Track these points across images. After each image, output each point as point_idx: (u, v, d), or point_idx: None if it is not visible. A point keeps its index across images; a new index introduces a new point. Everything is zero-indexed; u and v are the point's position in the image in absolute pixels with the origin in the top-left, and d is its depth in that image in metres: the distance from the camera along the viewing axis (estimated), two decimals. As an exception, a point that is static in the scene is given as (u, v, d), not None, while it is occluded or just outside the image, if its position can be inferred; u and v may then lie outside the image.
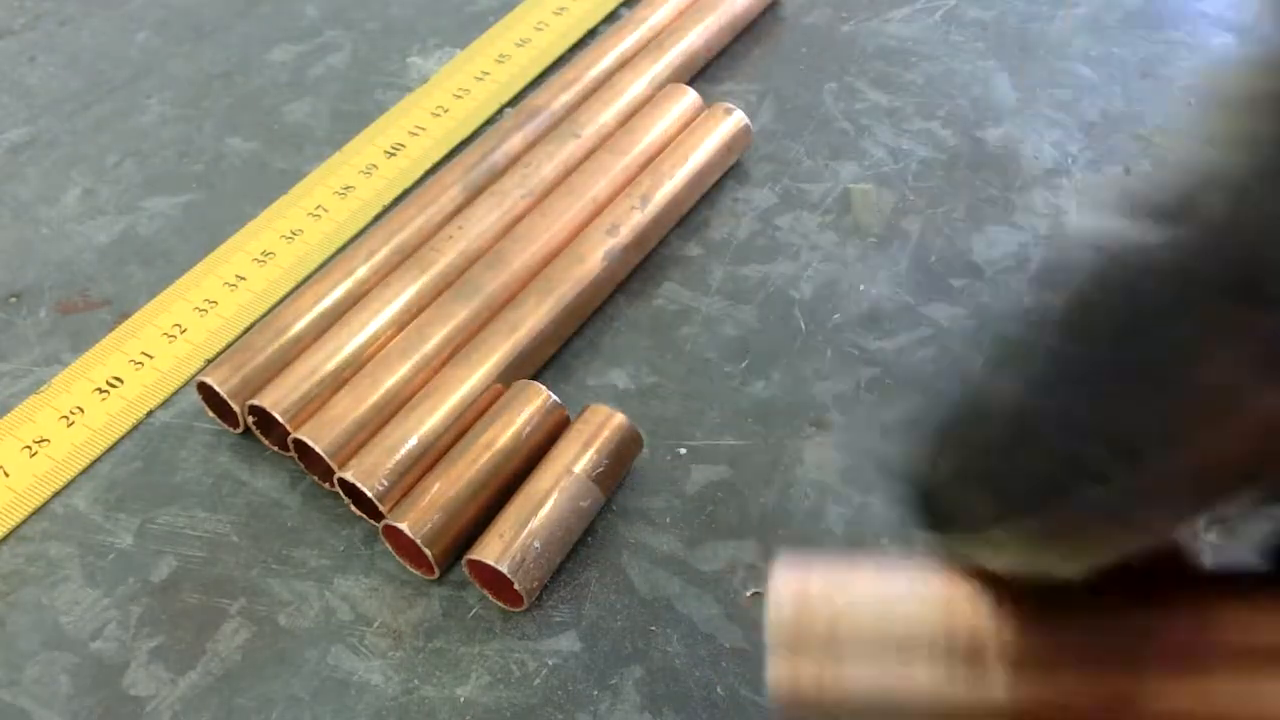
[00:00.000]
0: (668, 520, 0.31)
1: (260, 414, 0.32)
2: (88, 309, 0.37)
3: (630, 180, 0.38)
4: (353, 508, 0.31)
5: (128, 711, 0.28)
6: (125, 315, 0.37)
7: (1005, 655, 0.15)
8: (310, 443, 0.30)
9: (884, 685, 0.15)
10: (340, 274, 0.35)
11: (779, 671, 0.15)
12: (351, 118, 0.44)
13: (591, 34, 0.47)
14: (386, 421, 0.31)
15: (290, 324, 0.34)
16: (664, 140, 0.39)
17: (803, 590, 0.16)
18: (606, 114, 0.40)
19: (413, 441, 0.30)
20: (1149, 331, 0.12)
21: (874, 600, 0.15)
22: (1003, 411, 0.14)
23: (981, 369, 0.14)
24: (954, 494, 0.15)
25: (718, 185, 0.40)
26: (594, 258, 0.35)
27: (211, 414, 0.34)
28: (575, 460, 0.30)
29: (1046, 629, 0.15)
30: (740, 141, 0.40)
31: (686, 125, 0.40)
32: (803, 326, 0.36)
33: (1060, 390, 0.13)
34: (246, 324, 0.36)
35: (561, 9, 0.47)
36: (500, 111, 0.44)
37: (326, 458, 0.30)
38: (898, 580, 0.15)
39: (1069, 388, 0.13)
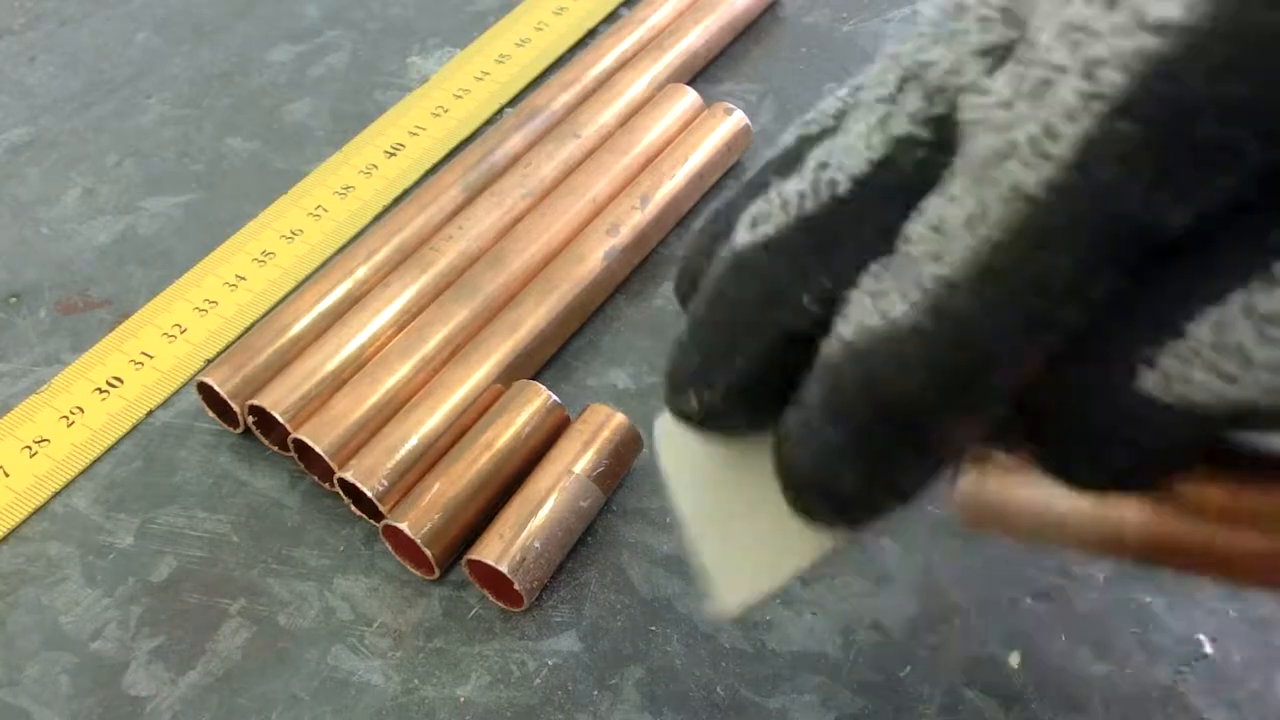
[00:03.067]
0: (668, 520, 0.31)
1: (260, 414, 0.32)
2: (88, 309, 0.37)
3: (630, 180, 0.38)
4: (353, 508, 0.31)
5: (128, 711, 0.28)
6: (125, 315, 0.37)
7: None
8: (310, 443, 0.30)
9: (1048, 502, 0.18)
10: (340, 274, 0.35)
11: (967, 483, 0.18)
12: (351, 118, 0.44)
13: (591, 34, 0.47)
14: (386, 421, 0.31)
15: (290, 324, 0.34)
16: (664, 140, 0.39)
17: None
18: (606, 114, 0.40)
19: (413, 441, 0.30)
20: None
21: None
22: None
23: None
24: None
25: (718, 185, 0.40)
26: (594, 258, 0.35)
27: (211, 414, 0.34)
28: (575, 460, 0.30)
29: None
30: (740, 141, 0.40)
31: (686, 125, 0.40)
32: (803, 326, 0.36)
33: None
34: (246, 324, 0.36)
35: (561, 9, 0.47)
36: (500, 111, 0.44)
37: (326, 458, 0.30)
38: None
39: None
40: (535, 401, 0.31)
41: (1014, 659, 0.28)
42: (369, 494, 0.29)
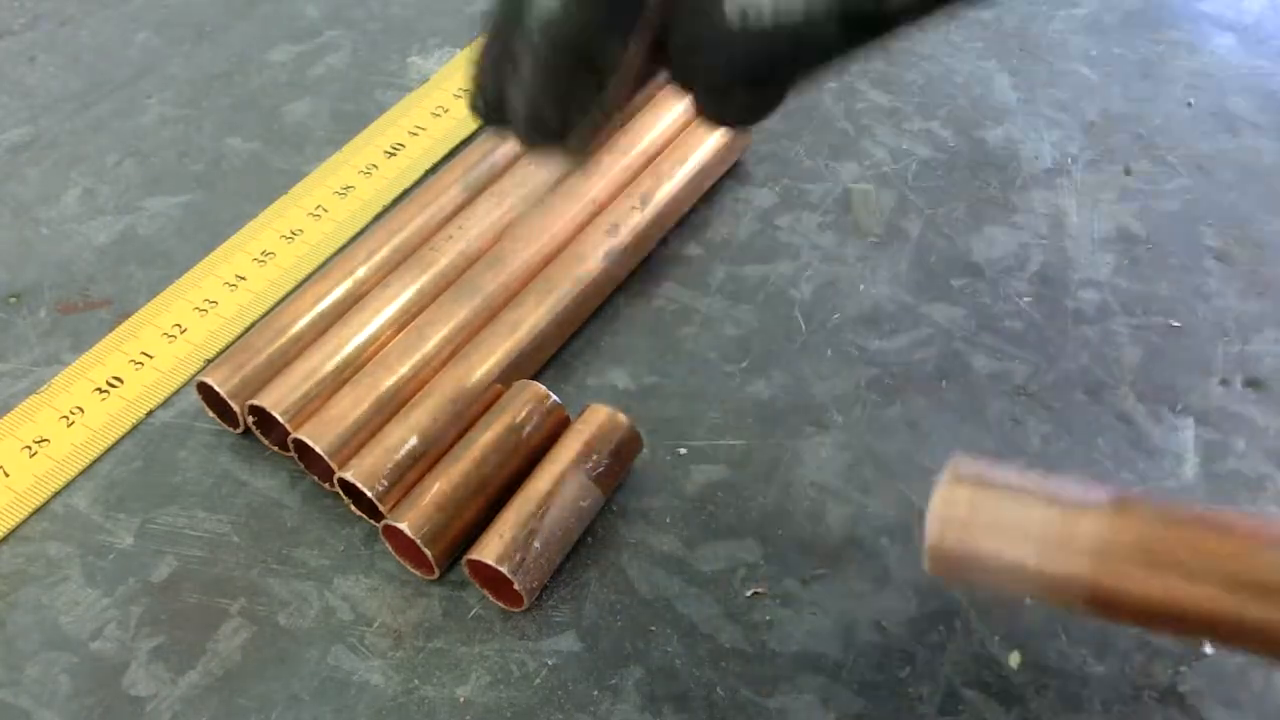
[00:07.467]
0: (668, 520, 0.31)
1: (260, 414, 0.32)
2: (88, 309, 0.37)
3: (630, 180, 0.38)
4: (353, 508, 0.31)
5: (128, 711, 0.28)
6: (125, 315, 0.37)
7: (1092, 547, 0.20)
8: (310, 443, 0.30)
9: (1004, 556, 0.21)
10: (340, 274, 0.35)
11: (934, 537, 0.22)
12: (351, 118, 0.44)
13: (591, 34, 0.47)
14: (386, 421, 0.31)
15: (290, 324, 0.34)
16: (664, 140, 0.39)
17: (959, 481, 0.22)
18: (606, 114, 0.40)
19: (413, 441, 0.30)
20: None
21: (1008, 495, 0.22)
22: None
23: None
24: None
25: (718, 185, 0.40)
26: (594, 258, 0.35)
27: (211, 414, 0.34)
28: (575, 460, 0.30)
29: (1143, 538, 0.20)
30: (740, 141, 0.40)
31: (686, 125, 0.40)
32: (803, 326, 0.36)
33: None
34: (246, 324, 0.36)
35: (561, 9, 0.47)
36: (500, 111, 0.44)
37: (326, 458, 0.30)
38: (1030, 483, 0.22)
39: None
40: (535, 401, 0.31)
41: (1014, 659, 0.28)
42: (369, 494, 0.29)
